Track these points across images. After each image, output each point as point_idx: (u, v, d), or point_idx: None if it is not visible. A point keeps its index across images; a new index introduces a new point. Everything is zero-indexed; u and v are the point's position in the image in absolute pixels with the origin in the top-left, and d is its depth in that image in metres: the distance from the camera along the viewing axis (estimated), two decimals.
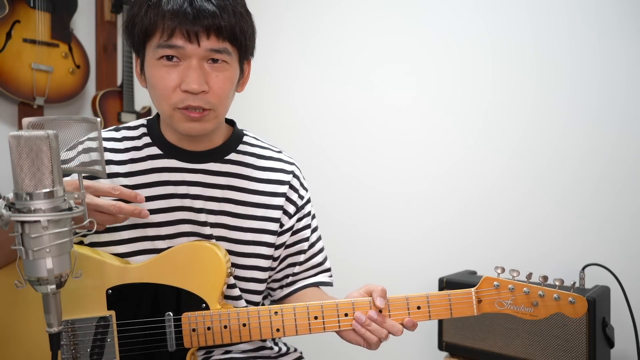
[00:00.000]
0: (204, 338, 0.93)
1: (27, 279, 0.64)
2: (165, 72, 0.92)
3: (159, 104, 0.96)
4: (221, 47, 0.92)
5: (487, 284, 0.91)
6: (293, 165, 1.12)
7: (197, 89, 0.91)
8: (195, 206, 1.02)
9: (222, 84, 0.94)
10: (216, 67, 0.93)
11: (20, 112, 2.32)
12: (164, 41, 0.90)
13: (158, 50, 0.91)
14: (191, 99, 0.92)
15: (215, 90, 0.93)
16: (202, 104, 0.93)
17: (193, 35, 0.89)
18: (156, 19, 0.90)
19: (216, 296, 0.94)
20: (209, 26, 0.89)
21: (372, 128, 2.04)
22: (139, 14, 0.92)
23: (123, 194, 0.90)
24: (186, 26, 0.88)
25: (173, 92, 0.92)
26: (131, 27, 0.94)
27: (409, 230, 1.95)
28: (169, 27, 0.89)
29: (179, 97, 0.92)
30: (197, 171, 1.03)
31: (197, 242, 1.00)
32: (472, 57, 1.82)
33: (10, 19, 2.20)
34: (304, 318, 0.92)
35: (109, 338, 0.94)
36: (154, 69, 0.93)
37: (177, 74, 0.92)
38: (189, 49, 0.90)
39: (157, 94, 0.94)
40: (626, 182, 1.55)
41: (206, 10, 0.89)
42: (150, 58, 0.93)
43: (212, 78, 0.93)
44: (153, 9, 0.90)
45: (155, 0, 0.90)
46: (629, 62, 1.55)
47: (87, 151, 0.71)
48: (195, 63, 0.91)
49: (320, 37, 2.17)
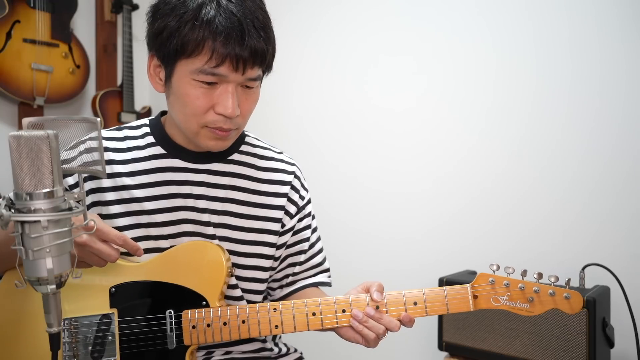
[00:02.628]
0: (204, 335, 0.94)
1: (27, 279, 0.64)
2: (202, 93, 0.91)
3: (186, 120, 0.95)
4: (257, 75, 0.93)
5: (483, 280, 0.92)
6: (294, 166, 1.13)
7: (232, 114, 0.91)
8: (199, 206, 1.02)
9: (249, 106, 0.97)
10: (247, 91, 0.95)
11: (20, 112, 2.32)
12: (210, 67, 0.88)
13: (199, 74, 0.89)
14: (223, 122, 0.93)
15: (243, 112, 0.95)
16: (231, 126, 0.95)
17: (241, 64, 0.88)
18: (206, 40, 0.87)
19: (216, 294, 0.95)
20: (255, 53, 0.89)
21: (371, 128, 2.04)
22: (179, 27, 0.88)
23: (126, 245, 0.89)
24: (236, 57, 0.87)
25: (205, 112, 0.92)
26: (166, 38, 0.90)
27: (409, 231, 1.95)
28: (220, 54, 0.87)
29: (212, 118, 0.93)
30: (200, 171, 1.03)
31: (199, 241, 1.00)
32: (473, 58, 1.82)
33: (10, 19, 2.20)
34: (302, 314, 0.93)
35: (110, 336, 0.95)
36: (189, 88, 0.91)
37: (212, 96, 0.91)
38: (231, 77, 0.90)
39: (186, 111, 0.93)
40: (626, 182, 1.55)
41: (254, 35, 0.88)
42: (185, 74, 0.91)
43: (242, 101, 0.94)
44: (202, 29, 0.86)
45: (203, 20, 0.87)
46: (629, 62, 1.55)
47: (89, 151, 0.71)
48: (232, 89, 0.91)
49: (320, 37, 2.17)
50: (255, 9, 0.90)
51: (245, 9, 0.88)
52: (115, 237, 0.87)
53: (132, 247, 0.90)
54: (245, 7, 0.89)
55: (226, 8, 0.87)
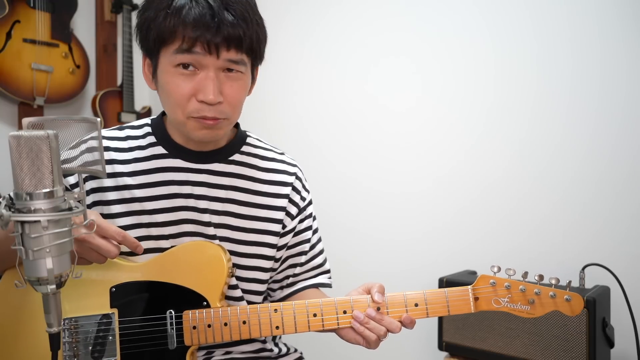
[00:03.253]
0: (204, 336, 0.93)
1: (27, 279, 0.64)
2: (181, 80, 0.91)
3: (173, 111, 0.95)
4: (239, 59, 0.92)
5: (484, 282, 0.92)
6: (295, 167, 1.13)
7: (213, 100, 0.91)
8: (199, 206, 1.02)
9: (236, 94, 0.95)
10: (231, 77, 0.94)
11: (20, 112, 2.32)
12: (184, 50, 0.89)
13: (176, 56, 0.90)
14: (207, 110, 0.92)
15: (229, 99, 0.94)
16: (217, 114, 0.93)
17: (214, 47, 0.88)
18: (177, 27, 0.88)
19: (217, 294, 0.95)
20: (229, 38, 0.89)
21: (372, 129, 2.04)
22: (155, 19, 0.90)
23: (126, 241, 0.89)
24: (207, 38, 0.87)
25: (188, 101, 0.92)
26: (146, 31, 0.93)
27: (409, 231, 1.95)
28: (190, 38, 0.88)
29: (195, 106, 0.92)
30: (201, 171, 1.03)
31: (199, 241, 1.00)
32: (473, 58, 1.82)
33: (10, 19, 2.20)
34: (303, 315, 0.93)
35: (110, 336, 0.95)
36: (170, 76, 0.92)
37: (193, 83, 0.91)
38: (207, 59, 0.90)
39: (171, 101, 0.94)
40: (626, 182, 1.55)
41: (227, 21, 0.88)
42: (165, 64, 0.92)
43: (226, 87, 0.93)
44: (173, 17, 0.88)
45: (175, 8, 0.88)
46: (630, 62, 1.55)
47: (90, 150, 0.71)
48: (212, 74, 0.91)
49: (321, 37, 2.17)
50: None
51: None
52: (115, 233, 0.87)
53: (132, 243, 0.90)
54: None
55: None
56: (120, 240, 0.88)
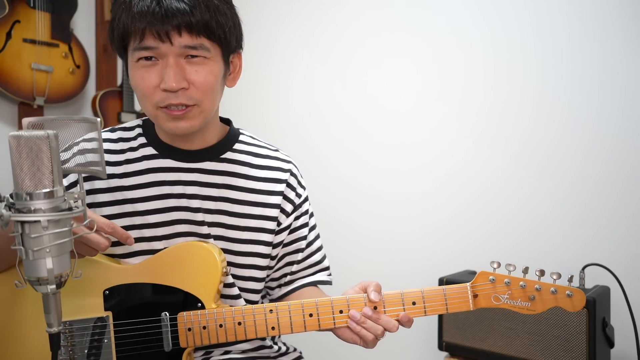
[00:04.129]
0: (200, 337, 0.93)
1: (27, 279, 0.64)
2: (144, 72, 0.92)
3: (143, 104, 0.96)
4: (196, 44, 0.91)
5: (483, 279, 0.91)
6: (290, 163, 1.12)
7: (175, 86, 0.90)
8: (192, 206, 1.02)
9: (203, 79, 0.93)
10: (195, 62, 0.92)
11: (20, 112, 2.32)
12: (137, 44, 0.90)
13: (135, 53, 0.92)
14: (172, 97, 0.92)
15: (197, 85, 0.93)
16: (183, 100, 0.92)
17: (164, 34, 0.89)
18: (127, 22, 0.90)
19: (211, 295, 0.94)
20: (178, 24, 0.89)
21: (372, 129, 2.04)
22: (115, 18, 0.93)
23: (116, 233, 0.89)
24: (155, 26, 0.88)
25: (154, 91, 0.92)
26: (111, 32, 0.95)
27: (409, 231, 1.95)
28: (138, 29, 0.89)
29: (160, 96, 0.92)
30: (192, 170, 1.03)
31: (192, 241, 1.00)
32: (473, 58, 1.82)
33: (10, 19, 2.20)
34: (298, 316, 0.92)
35: (105, 339, 0.95)
36: (134, 71, 0.94)
37: (155, 73, 0.92)
38: (162, 48, 0.90)
39: (139, 94, 0.95)
40: (626, 182, 1.55)
41: (175, 8, 0.88)
42: (130, 61, 0.94)
43: (191, 74, 0.92)
44: (124, 13, 0.90)
45: (126, 5, 0.90)
46: (629, 62, 1.55)
47: (82, 152, 0.71)
48: (172, 61, 0.90)
49: (321, 37, 2.17)
50: None
51: None
52: (104, 224, 0.87)
53: (122, 235, 0.90)
54: None
55: None
56: (109, 231, 0.87)
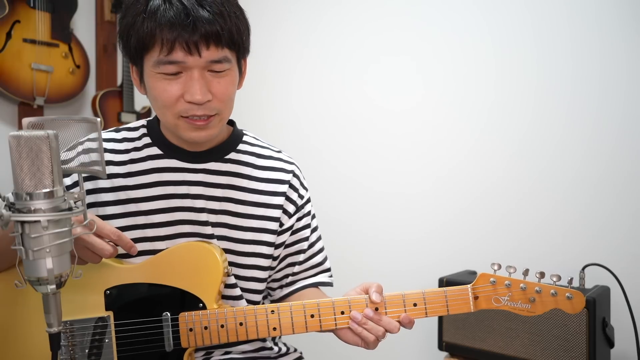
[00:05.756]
0: (201, 337, 0.93)
1: (27, 279, 0.64)
2: (167, 84, 0.91)
3: (162, 114, 0.95)
4: (221, 57, 0.91)
5: (484, 281, 0.91)
6: (293, 164, 1.13)
7: (201, 99, 0.90)
8: (196, 206, 1.02)
9: (224, 89, 0.94)
10: (217, 75, 0.93)
11: (20, 112, 2.32)
12: (164, 56, 0.88)
13: (159, 66, 0.89)
14: (196, 109, 0.92)
15: (219, 96, 0.93)
16: (207, 111, 0.93)
17: (193, 46, 0.87)
18: (154, 30, 0.87)
19: (213, 296, 0.94)
20: (207, 35, 0.87)
21: (371, 129, 2.04)
22: (134, 24, 0.89)
23: (121, 241, 0.88)
24: (185, 38, 0.86)
25: (176, 102, 0.92)
26: (126, 38, 0.92)
27: (409, 231, 1.95)
28: (168, 40, 0.87)
29: (183, 107, 0.92)
30: (197, 171, 1.03)
31: (194, 242, 1.00)
32: (473, 58, 1.82)
33: (10, 19, 2.20)
34: (300, 316, 0.92)
35: (106, 338, 0.94)
36: (155, 82, 0.92)
37: (179, 85, 0.91)
38: (189, 61, 0.89)
39: (159, 104, 0.94)
40: (627, 182, 1.55)
41: (203, 18, 0.87)
42: (149, 69, 0.92)
43: (214, 85, 0.92)
44: (150, 20, 0.87)
45: (150, 11, 0.88)
46: (630, 62, 1.55)
47: (87, 152, 0.71)
48: (197, 74, 0.90)
49: (320, 37, 2.17)
50: None
51: None
52: (110, 232, 0.87)
53: (126, 243, 0.90)
54: None
55: None
56: (115, 239, 0.87)
